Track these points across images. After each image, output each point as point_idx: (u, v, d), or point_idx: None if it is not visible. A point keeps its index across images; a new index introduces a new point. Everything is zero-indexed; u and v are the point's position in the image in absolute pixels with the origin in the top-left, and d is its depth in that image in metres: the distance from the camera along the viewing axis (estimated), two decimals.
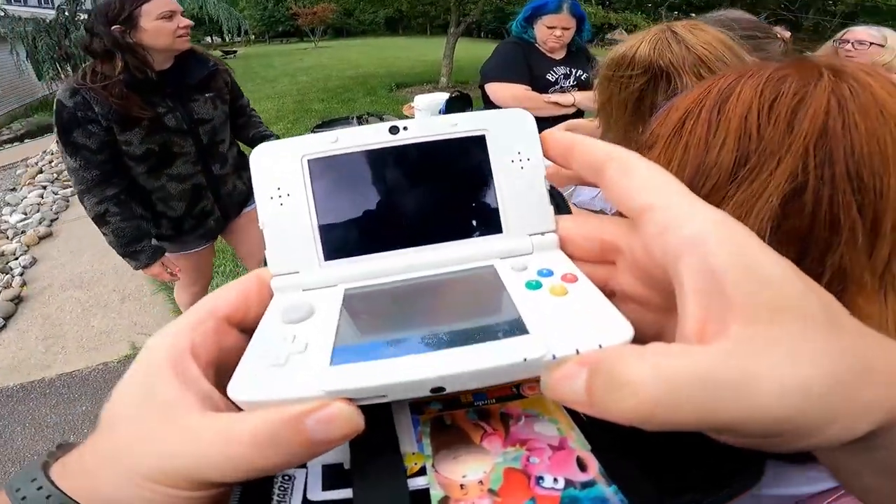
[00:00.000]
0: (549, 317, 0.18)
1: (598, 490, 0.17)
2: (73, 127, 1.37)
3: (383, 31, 38.22)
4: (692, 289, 0.16)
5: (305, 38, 29.38)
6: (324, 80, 10.00)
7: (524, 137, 0.23)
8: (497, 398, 0.21)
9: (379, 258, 0.22)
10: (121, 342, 2.52)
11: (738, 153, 0.36)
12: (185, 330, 0.20)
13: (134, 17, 1.36)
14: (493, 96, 2.11)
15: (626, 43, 0.92)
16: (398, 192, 0.23)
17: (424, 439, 0.20)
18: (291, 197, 0.22)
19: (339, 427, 0.16)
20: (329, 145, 0.23)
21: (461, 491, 0.18)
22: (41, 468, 0.20)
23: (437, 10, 10.02)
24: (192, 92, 1.54)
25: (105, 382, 2.29)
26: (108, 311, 2.78)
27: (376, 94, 8.25)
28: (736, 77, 0.40)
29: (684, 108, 0.43)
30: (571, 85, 2.13)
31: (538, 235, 0.23)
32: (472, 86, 8.11)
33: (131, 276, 3.05)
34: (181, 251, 1.73)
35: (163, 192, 1.57)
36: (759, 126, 0.35)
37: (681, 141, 0.40)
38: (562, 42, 2.05)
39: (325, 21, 26.33)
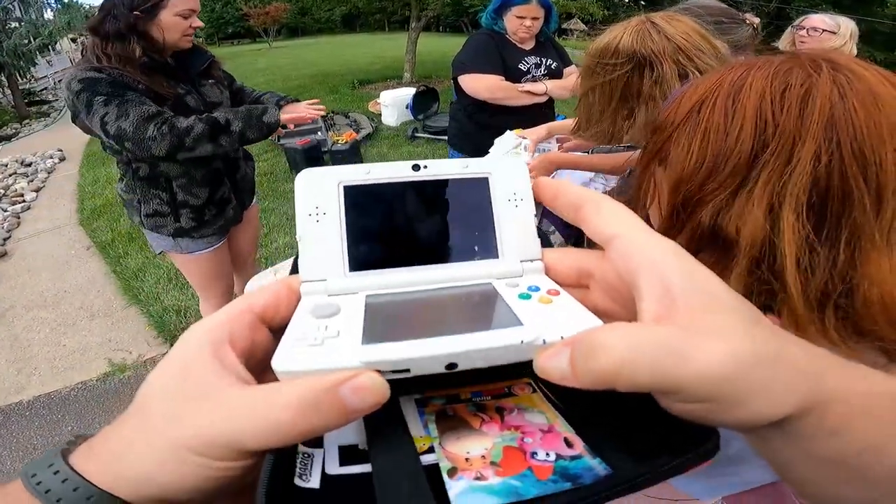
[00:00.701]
0: (538, 316, 0.22)
1: (585, 461, 0.20)
2: (124, 91, 1.32)
3: (340, 29, 37.63)
4: (649, 295, 0.20)
5: (258, 39, 28.57)
6: (282, 80, 9.77)
7: (519, 182, 0.28)
8: (492, 396, 0.24)
9: (396, 272, 0.26)
10: (97, 360, 2.42)
11: (755, 138, 0.41)
12: (224, 322, 0.22)
13: (157, 8, 1.36)
14: (468, 88, 2.12)
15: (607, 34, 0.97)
16: (415, 218, 0.27)
17: (430, 425, 0.22)
18: (327, 216, 0.26)
19: (370, 394, 0.18)
20: (363, 175, 0.27)
21: (467, 463, 0.20)
22: (60, 455, 0.20)
23: (395, 5, 9.92)
24: (200, 77, 1.58)
25: (87, 402, 2.20)
26: (77, 329, 2.65)
27: (339, 93, 8.12)
28: (745, 69, 0.45)
29: (697, 96, 0.47)
30: (543, 74, 2.16)
31: (528, 262, 0.27)
32: (435, 80, 8.10)
33: (97, 293, 2.94)
34: (202, 249, 1.69)
35: (186, 177, 1.54)
36: (773, 113, 0.41)
37: (698, 127, 0.45)
38: (531, 32, 2.08)
39: (278, 21, 25.67)
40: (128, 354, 2.44)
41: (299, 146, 4.39)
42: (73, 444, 0.21)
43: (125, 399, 2.20)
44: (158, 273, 2.98)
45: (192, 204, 1.58)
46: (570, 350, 0.18)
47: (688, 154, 0.46)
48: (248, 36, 31.82)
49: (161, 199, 1.55)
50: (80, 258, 3.36)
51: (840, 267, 0.40)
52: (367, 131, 5.54)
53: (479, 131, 2.19)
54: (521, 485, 0.19)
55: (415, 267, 0.26)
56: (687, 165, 0.46)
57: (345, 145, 4.60)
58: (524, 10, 2.02)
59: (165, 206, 1.56)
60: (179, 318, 2.60)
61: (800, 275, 0.41)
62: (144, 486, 0.19)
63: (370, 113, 6.54)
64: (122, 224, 3.67)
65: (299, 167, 4.42)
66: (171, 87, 1.43)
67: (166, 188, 1.54)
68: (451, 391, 0.24)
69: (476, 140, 2.20)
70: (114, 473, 0.19)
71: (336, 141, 4.84)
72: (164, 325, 2.57)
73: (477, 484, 0.19)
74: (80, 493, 0.19)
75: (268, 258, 3.10)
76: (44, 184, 4.92)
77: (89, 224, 3.82)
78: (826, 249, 0.40)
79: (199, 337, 0.21)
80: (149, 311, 2.70)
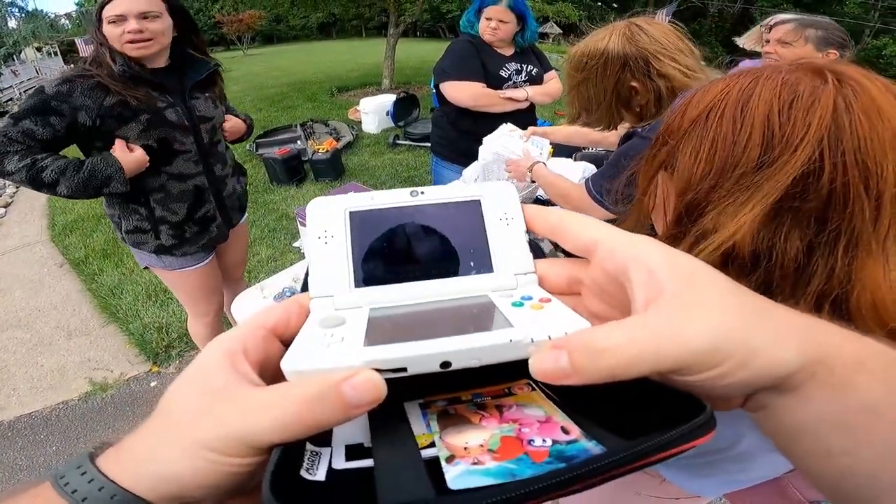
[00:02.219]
0: (528, 319, 0.23)
1: (580, 444, 0.21)
2: (29, 114, 1.29)
3: (317, 36, 37.40)
4: (637, 282, 0.22)
5: (232, 47, 28.21)
6: (258, 88, 9.66)
7: (509, 202, 0.30)
8: (492, 396, 0.25)
9: (397, 287, 0.28)
10: (77, 379, 2.35)
11: (762, 147, 0.43)
12: (239, 336, 0.24)
13: (100, 18, 1.34)
14: (451, 96, 2.12)
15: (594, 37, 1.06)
16: (415, 239, 0.29)
17: (432, 423, 0.24)
18: (335, 238, 0.29)
19: (368, 391, 0.19)
20: (367, 202, 0.29)
21: (465, 451, 0.21)
22: (89, 459, 0.22)
23: (373, 11, 9.92)
24: (193, 90, 1.51)
25: (70, 421, 2.14)
26: (55, 349, 2.57)
27: (317, 100, 8.07)
28: (752, 79, 0.46)
29: (704, 104, 0.48)
30: (524, 80, 2.18)
31: (521, 275, 0.29)
32: (414, 86, 8.12)
33: (73, 311, 2.85)
34: (185, 266, 1.65)
35: (163, 191, 1.49)
36: (780, 124, 0.42)
37: (707, 135, 0.46)
38: (497, 35, 2.07)
39: (252, 28, 25.40)
40: (109, 373, 2.37)
41: (278, 156, 4.33)
42: (100, 449, 0.22)
43: (109, 418, 2.14)
44: (137, 290, 2.90)
45: (171, 220, 1.53)
46: (566, 352, 0.19)
47: (695, 162, 0.47)
48: (221, 43, 31.35)
49: (140, 214, 1.51)
50: (54, 276, 3.26)
51: (837, 272, 0.41)
52: (348, 139, 5.50)
53: (462, 138, 2.19)
54: (517, 467, 0.20)
55: (415, 282, 0.28)
56: (694, 173, 0.47)
57: (325, 154, 4.56)
58: (491, 11, 2.04)
59: (145, 222, 1.52)
60: (161, 335, 2.54)
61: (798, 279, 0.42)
62: (164, 485, 0.20)
63: (350, 121, 6.51)
64: (96, 240, 3.57)
65: (279, 177, 4.38)
66: (148, 98, 1.38)
67: (144, 203, 1.50)
68: (452, 394, 0.26)
69: (459, 147, 2.21)
70: (136, 473, 0.20)
71: (316, 150, 4.79)
72: (145, 343, 2.50)
73: (473, 468, 0.20)
74: (104, 493, 0.20)
75: (250, 271, 3.05)
76: (12, 199, 4.77)
77: (61, 240, 3.70)
78: (825, 255, 0.41)
79: (216, 349, 0.23)
80: (128, 329, 2.62)
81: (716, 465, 0.73)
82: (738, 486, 0.77)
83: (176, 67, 1.48)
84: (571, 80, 1.14)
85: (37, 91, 1.30)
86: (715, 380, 0.20)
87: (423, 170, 4.69)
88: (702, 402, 0.20)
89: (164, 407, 0.22)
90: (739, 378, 0.20)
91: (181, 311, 2.67)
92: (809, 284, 0.42)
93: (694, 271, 0.22)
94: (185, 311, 2.56)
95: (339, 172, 4.58)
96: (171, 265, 1.62)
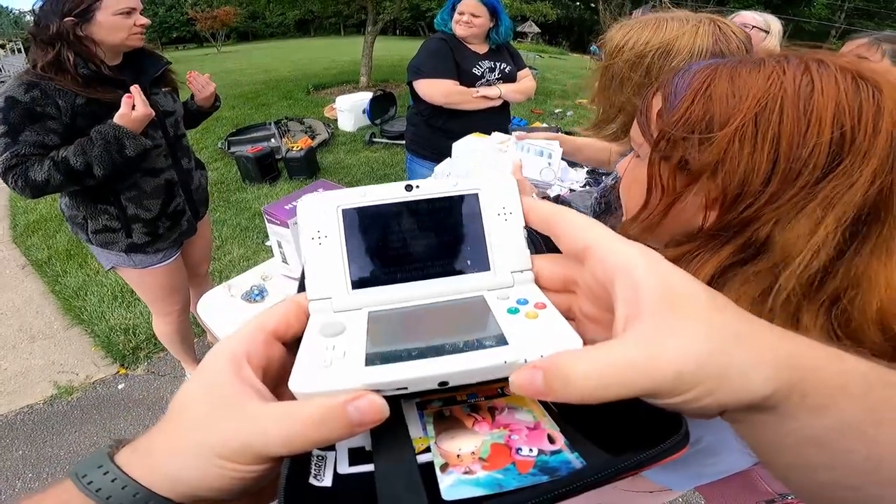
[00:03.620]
0: (523, 333, 0.23)
1: (564, 455, 0.22)
2: (24, 126, 1.25)
3: (294, 34, 36.89)
4: (621, 297, 0.22)
5: (206, 44, 27.58)
6: (231, 86, 9.45)
7: (508, 196, 0.29)
8: (486, 396, 0.26)
9: (395, 288, 0.28)
10: (41, 383, 2.27)
11: (831, 150, 0.39)
12: (242, 341, 0.24)
13: (91, 11, 1.29)
14: (423, 93, 2.13)
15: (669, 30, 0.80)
16: (411, 236, 0.29)
17: (428, 427, 0.25)
18: (328, 238, 0.28)
19: (371, 413, 0.20)
20: (358, 198, 0.28)
21: (458, 459, 0.22)
22: (107, 456, 0.23)
23: (351, 9, 9.82)
24: (151, 86, 1.49)
25: (35, 425, 2.07)
26: (18, 352, 2.48)
27: (293, 98, 7.96)
28: (803, 68, 0.42)
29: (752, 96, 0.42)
30: (497, 78, 2.19)
31: (518, 272, 0.29)
32: (392, 84, 8.09)
33: (36, 314, 2.76)
34: (154, 264, 1.62)
35: (136, 189, 1.47)
36: (851, 127, 0.39)
37: (766, 131, 0.41)
38: (470, 30, 2.08)
39: (227, 25, 24.89)
40: (74, 376, 2.30)
41: (251, 154, 4.26)
42: (116, 448, 0.23)
43: (76, 421, 2.08)
44: (102, 291, 2.82)
45: (144, 218, 1.51)
46: (542, 373, 0.20)
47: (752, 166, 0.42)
48: (194, 40, 30.65)
49: (110, 213, 1.47)
50: (16, 278, 3.14)
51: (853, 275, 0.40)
52: (324, 137, 5.45)
53: (435, 135, 2.20)
54: (504, 478, 0.21)
55: (412, 283, 0.28)
56: (753, 178, 0.42)
57: (300, 152, 4.50)
58: (463, 5, 2.06)
59: (115, 222, 1.48)
60: (128, 336, 2.47)
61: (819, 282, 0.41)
62: (180, 485, 0.21)
63: (326, 119, 6.44)
64: (59, 241, 3.46)
65: (251, 176, 4.31)
66: (116, 96, 1.34)
67: (114, 202, 1.47)
68: (448, 394, 0.26)
69: (433, 144, 2.22)
70: (154, 472, 0.22)
71: (291, 148, 4.74)
72: (111, 345, 2.44)
73: (465, 477, 0.21)
74: (127, 491, 0.21)
75: (221, 271, 3.00)
76: None
77: (23, 241, 3.57)
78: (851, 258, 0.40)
79: (221, 356, 0.23)
80: (94, 331, 2.55)
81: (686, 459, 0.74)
82: (707, 479, 0.78)
83: (128, 65, 1.46)
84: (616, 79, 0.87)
85: (9, 103, 1.25)
86: (682, 404, 0.20)
87: (399, 167, 4.67)
88: (679, 417, 0.21)
89: (176, 411, 0.23)
90: (708, 403, 0.20)
91: (148, 313, 2.60)
92: (826, 286, 0.41)
93: (675, 289, 0.21)
94: (151, 313, 2.51)
95: (314, 171, 4.53)
96: (142, 263, 1.60)
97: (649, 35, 0.81)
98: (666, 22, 0.82)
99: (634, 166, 0.57)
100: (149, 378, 2.30)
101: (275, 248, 1.29)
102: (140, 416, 2.10)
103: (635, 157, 0.57)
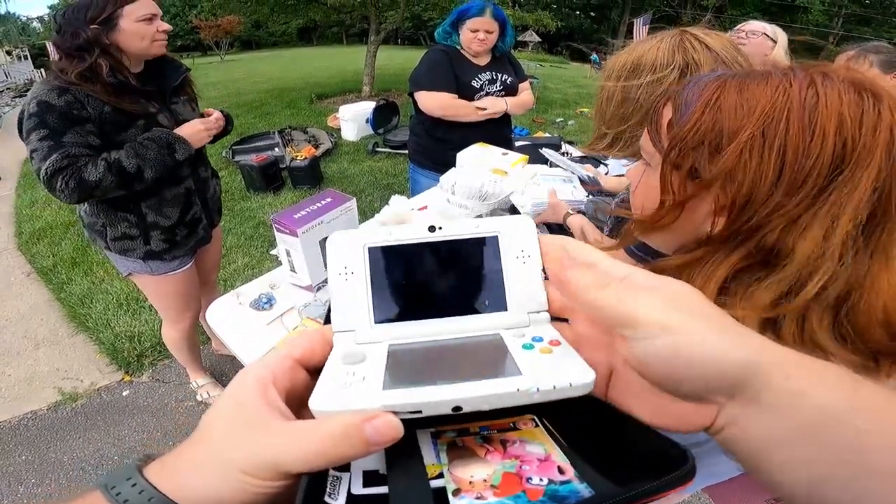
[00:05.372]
0: (537, 366, 0.25)
1: (573, 485, 0.23)
2: (66, 128, 1.26)
3: (296, 42, 37.15)
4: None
5: (210, 53, 27.80)
6: (236, 94, 9.54)
7: (527, 239, 0.31)
8: (498, 430, 0.27)
9: (415, 324, 0.29)
10: (45, 389, 2.29)
11: (834, 159, 0.42)
12: (269, 365, 0.26)
13: (114, 18, 1.30)
14: (423, 105, 2.15)
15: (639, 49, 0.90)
16: (432, 275, 0.30)
17: (442, 455, 0.25)
18: (354, 275, 0.30)
19: (388, 432, 0.22)
20: (384, 237, 0.30)
21: (470, 485, 0.23)
22: (136, 469, 0.24)
23: (353, 18, 9.91)
24: (171, 94, 1.52)
25: (39, 431, 2.08)
26: (22, 358, 2.50)
27: (296, 107, 8.02)
28: (808, 81, 0.44)
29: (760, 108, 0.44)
30: (498, 89, 2.21)
31: (534, 313, 0.30)
32: (395, 93, 8.14)
33: (41, 321, 2.77)
34: (171, 271, 1.64)
35: (156, 197, 1.50)
36: (853, 138, 0.41)
37: (773, 141, 0.43)
38: (485, 46, 2.10)
39: (231, 34, 25.11)
40: (79, 383, 2.31)
41: (255, 163, 4.29)
42: (145, 462, 0.25)
43: (80, 427, 2.09)
44: (107, 299, 2.84)
45: (163, 225, 1.53)
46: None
47: (760, 175, 0.43)
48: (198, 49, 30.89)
49: (129, 221, 1.49)
50: (21, 285, 3.17)
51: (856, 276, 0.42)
52: (327, 146, 5.49)
53: (437, 146, 2.22)
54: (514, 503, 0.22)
55: (432, 320, 0.29)
56: (760, 187, 0.44)
57: (304, 161, 4.54)
58: (477, 22, 2.05)
59: (134, 229, 1.50)
60: (133, 344, 2.49)
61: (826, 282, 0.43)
62: (204, 499, 0.22)
63: (329, 128, 6.50)
64: (64, 248, 3.48)
65: (256, 184, 4.34)
66: (140, 105, 1.37)
67: (134, 210, 1.48)
68: (462, 426, 0.27)
69: (435, 154, 2.24)
70: (180, 487, 0.23)
71: (295, 157, 4.77)
72: (116, 353, 2.45)
73: (477, 502, 0.22)
74: (152, 502, 0.22)
75: (226, 280, 3.02)
76: None
77: (28, 249, 3.60)
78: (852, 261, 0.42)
79: (249, 378, 0.25)
80: (99, 339, 2.57)
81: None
82: (717, 478, 0.78)
83: (151, 73, 1.47)
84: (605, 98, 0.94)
85: (43, 108, 1.25)
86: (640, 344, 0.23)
87: (402, 177, 4.70)
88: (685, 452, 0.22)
89: (205, 428, 0.24)
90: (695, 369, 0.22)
91: (154, 320, 2.62)
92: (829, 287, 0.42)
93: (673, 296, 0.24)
94: (157, 320, 2.53)
95: (318, 180, 4.56)
96: (158, 270, 1.62)
97: (625, 57, 0.90)
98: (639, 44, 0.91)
99: (644, 173, 0.59)
100: (153, 385, 2.31)
101: (283, 257, 1.31)
102: (144, 422, 2.12)
103: (644, 164, 0.59)
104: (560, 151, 2.48)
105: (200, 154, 1.64)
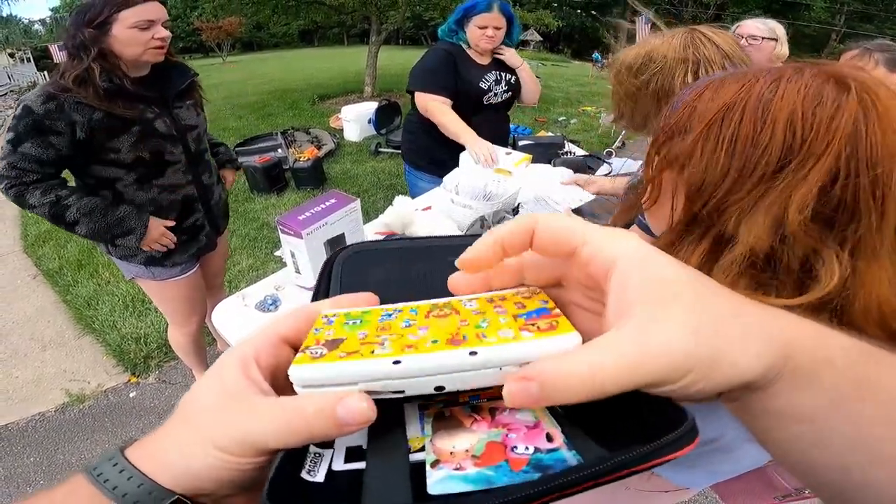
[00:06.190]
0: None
1: (560, 453, 0.22)
2: (27, 138, 1.27)
3: (298, 43, 37.22)
4: (611, 291, 0.22)
5: (211, 54, 27.86)
6: (238, 96, 9.54)
7: None
8: (488, 398, 0.26)
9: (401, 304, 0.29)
10: (53, 391, 2.31)
11: (783, 150, 0.43)
12: (253, 343, 0.26)
13: (108, 23, 1.29)
14: (419, 104, 2.09)
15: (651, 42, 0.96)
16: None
17: (427, 426, 0.25)
18: None
19: (359, 414, 0.21)
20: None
21: (450, 456, 0.22)
22: (119, 452, 0.24)
23: (354, 19, 9.91)
24: (175, 99, 1.49)
25: (47, 432, 2.10)
26: (29, 360, 2.52)
27: (299, 108, 8.03)
28: (774, 79, 0.46)
29: (721, 102, 0.47)
30: (504, 90, 2.17)
31: None
32: (396, 94, 8.14)
33: (48, 323, 2.79)
34: (173, 276, 1.65)
35: (153, 205, 1.49)
36: (803, 130, 0.42)
37: (727, 132, 0.45)
38: (494, 42, 2.03)
39: (232, 35, 25.16)
40: (86, 384, 2.33)
41: (259, 164, 4.31)
42: (129, 444, 0.25)
43: (87, 429, 2.11)
44: (113, 301, 2.86)
45: None
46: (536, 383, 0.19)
47: (713, 162, 0.46)
48: (200, 50, 30.98)
49: None
50: (28, 287, 3.19)
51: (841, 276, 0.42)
52: (330, 147, 5.50)
53: (434, 145, 2.15)
54: (494, 474, 0.21)
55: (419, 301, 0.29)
56: (712, 173, 0.46)
57: (307, 162, 4.55)
58: (486, 18, 1.96)
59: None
60: (140, 345, 2.51)
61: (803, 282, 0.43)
62: (182, 477, 0.22)
63: (332, 129, 6.50)
64: (70, 251, 3.50)
65: (259, 186, 4.35)
66: (134, 110, 1.35)
67: None
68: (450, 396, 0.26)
69: (431, 154, 2.18)
70: (160, 465, 0.23)
71: (297, 158, 4.79)
72: (123, 354, 2.47)
73: (455, 473, 0.21)
74: (133, 482, 0.22)
75: (230, 281, 3.03)
76: None
77: (34, 251, 3.62)
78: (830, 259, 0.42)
79: (233, 355, 0.25)
80: (105, 340, 2.59)
81: (702, 457, 0.74)
82: (725, 476, 0.79)
83: (156, 77, 1.46)
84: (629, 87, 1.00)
85: (24, 112, 1.26)
86: (678, 391, 0.20)
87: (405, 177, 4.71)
88: (683, 413, 0.20)
89: (185, 407, 0.24)
90: (703, 387, 0.20)
91: (160, 322, 2.64)
92: (813, 287, 0.43)
93: (663, 283, 0.22)
94: (163, 322, 2.55)
95: (321, 181, 4.57)
96: (161, 275, 1.62)
97: (638, 49, 0.98)
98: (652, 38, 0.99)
99: None
100: (160, 386, 2.33)
101: (287, 259, 1.31)
102: (151, 423, 2.13)
103: None
104: (563, 151, 2.49)
105: (203, 160, 1.62)
